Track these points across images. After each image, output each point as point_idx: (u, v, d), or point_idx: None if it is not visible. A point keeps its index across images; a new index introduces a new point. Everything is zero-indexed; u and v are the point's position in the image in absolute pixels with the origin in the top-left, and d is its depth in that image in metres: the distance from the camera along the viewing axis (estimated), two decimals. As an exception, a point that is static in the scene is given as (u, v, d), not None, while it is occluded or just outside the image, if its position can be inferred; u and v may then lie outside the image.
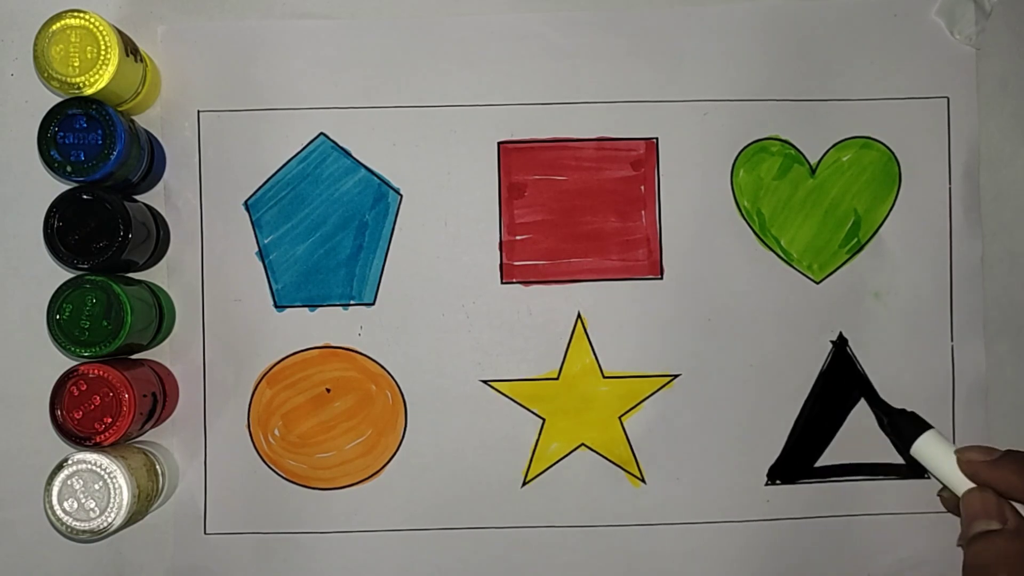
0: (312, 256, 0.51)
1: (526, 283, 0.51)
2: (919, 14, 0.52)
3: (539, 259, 0.51)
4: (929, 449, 0.45)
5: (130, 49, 0.46)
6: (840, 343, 0.51)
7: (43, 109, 0.45)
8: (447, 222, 0.51)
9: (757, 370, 0.51)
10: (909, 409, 0.48)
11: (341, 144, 0.51)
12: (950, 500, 0.45)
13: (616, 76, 0.51)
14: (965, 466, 0.43)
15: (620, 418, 0.51)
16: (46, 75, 0.44)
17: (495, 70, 0.51)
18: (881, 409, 0.49)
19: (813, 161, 0.51)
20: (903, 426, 0.46)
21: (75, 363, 0.46)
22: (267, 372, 0.50)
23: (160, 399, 0.48)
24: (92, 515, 0.44)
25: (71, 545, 0.50)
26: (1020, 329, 0.52)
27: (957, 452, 0.44)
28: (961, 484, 0.43)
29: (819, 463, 0.51)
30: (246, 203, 0.51)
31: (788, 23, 0.51)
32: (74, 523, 0.44)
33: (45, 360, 0.49)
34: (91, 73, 0.44)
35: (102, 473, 0.44)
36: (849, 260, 0.51)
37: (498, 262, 0.51)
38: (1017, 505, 0.42)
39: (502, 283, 0.51)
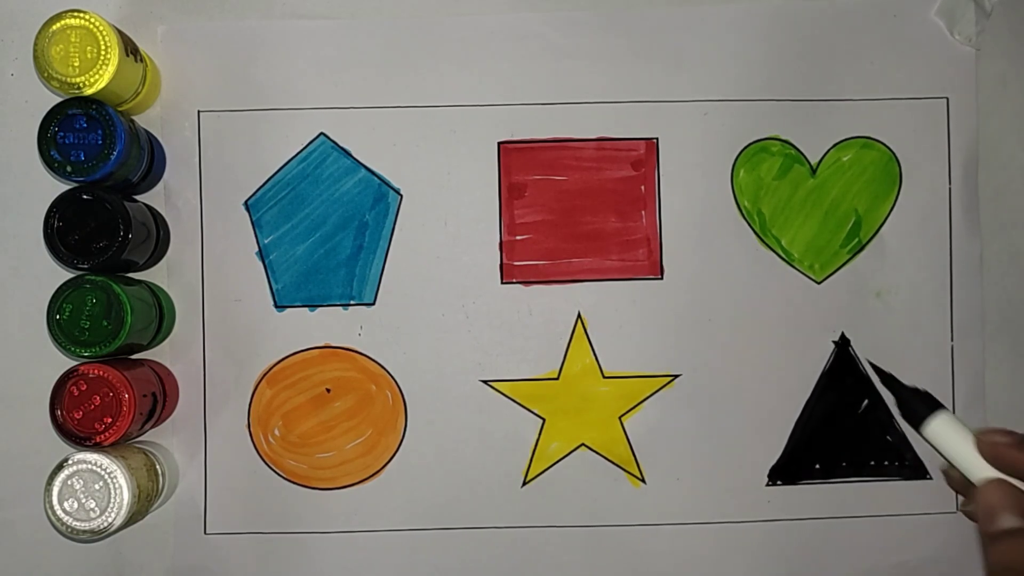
0: (312, 256, 0.51)
1: (526, 283, 0.51)
2: (919, 14, 0.52)
3: (539, 259, 0.51)
4: (944, 431, 0.42)
5: (130, 49, 0.46)
6: (842, 343, 0.51)
7: (43, 109, 0.45)
8: (447, 222, 0.51)
9: (758, 370, 0.51)
10: (922, 388, 0.46)
11: (341, 144, 0.51)
12: (957, 480, 0.43)
13: (616, 76, 0.51)
14: (986, 448, 0.40)
15: (620, 418, 0.51)
16: (46, 75, 0.44)
17: (495, 70, 0.51)
18: (893, 388, 0.46)
19: (813, 161, 0.51)
20: (916, 406, 0.44)
21: (75, 363, 0.46)
22: (267, 372, 0.50)
23: (160, 399, 0.48)
24: (92, 515, 0.44)
25: (71, 545, 0.50)
26: (1020, 329, 0.52)
27: (978, 434, 0.41)
28: (978, 468, 0.41)
29: (821, 464, 0.51)
30: (246, 203, 0.51)
31: (788, 23, 0.51)
32: (74, 523, 0.44)
33: (45, 360, 0.49)
34: (91, 73, 0.44)
35: (102, 473, 0.44)
36: (850, 260, 0.51)
37: (498, 262, 0.51)
38: None
39: (502, 283, 0.51)
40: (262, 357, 0.50)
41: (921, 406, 0.44)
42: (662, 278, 0.51)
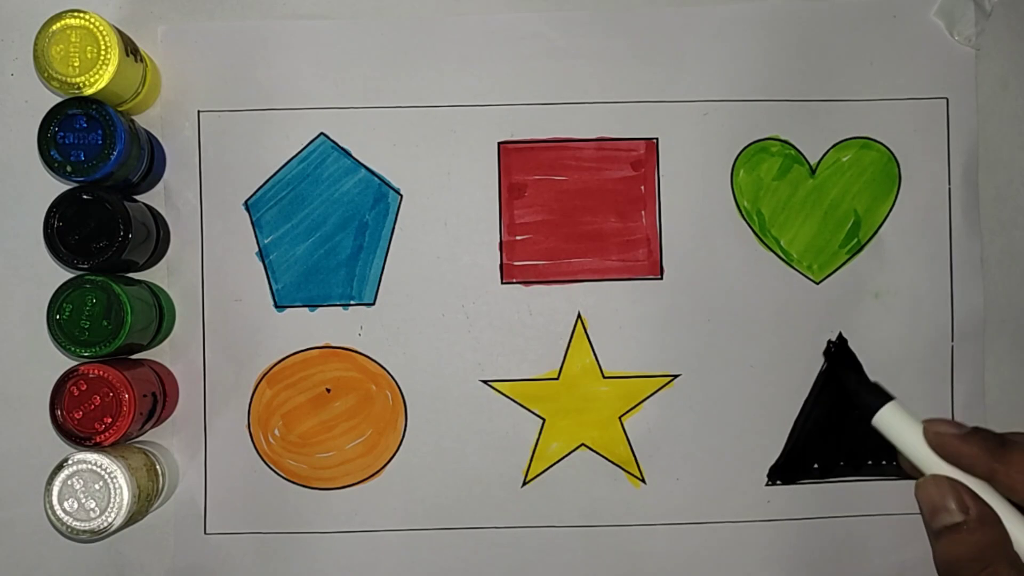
0: (312, 256, 0.51)
1: (526, 283, 0.51)
2: (919, 14, 0.52)
3: (539, 259, 0.51)
4: (893, 420, 0.41)
5: (130, 49, 0.46)
6: (839, 343, 0.51)
7: (43, 109, 0.45)
8: (447, 222, 0.51)
9: (757, 370, 0.51)
10: (873, 380, 0.44)
11: (341, 144, 0.51)
12: (910, 467, 0.41)
13: (616, 76, 0.51)
14: (932, 437, 0.39)
15: (620, 418, 0.51)
16: (46, 75, 0.44)
17: (495, 70, 0.51)
18: (843, 379, 0.46)
19: (813, 161, 0.51)
20: (866, 397, 0.43)
21: (75, 363, 0.46)
22: (267, 372, 0.50)
23: (160, 399, 0.48)
24: (92, 515, 0.44)
25: (71, 545, 0.50)
26: (1020, 329, 0.52)
27: (925, 423, 0.40)
28: (925, 457, 0.40)
29: (820, 464, 0.51)
30: (246, 203, 0.51)
31: (788, 23, 0.51)
32: (74, 523, 0.44)
33: (45, 360, 0.49)
34: (91, 73, 0.44)
35: (102, 473, 0.44)
36: (849, 260, 0.51)
37: (498, 262, 0.51)
38: (973, 484, 0.39)
39: (502, 283, 0.51)
40: (262, 357, 0.50)
41: (871, 397, 0.42)
42: (662, 278, 0.51)
